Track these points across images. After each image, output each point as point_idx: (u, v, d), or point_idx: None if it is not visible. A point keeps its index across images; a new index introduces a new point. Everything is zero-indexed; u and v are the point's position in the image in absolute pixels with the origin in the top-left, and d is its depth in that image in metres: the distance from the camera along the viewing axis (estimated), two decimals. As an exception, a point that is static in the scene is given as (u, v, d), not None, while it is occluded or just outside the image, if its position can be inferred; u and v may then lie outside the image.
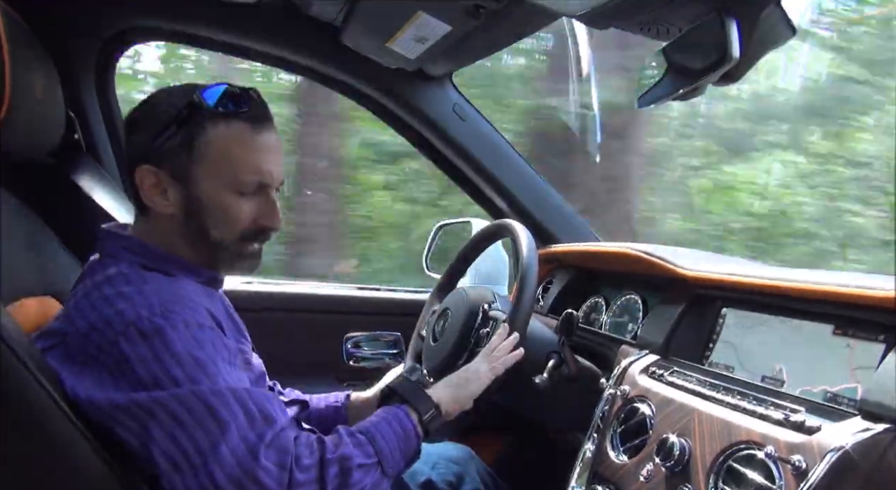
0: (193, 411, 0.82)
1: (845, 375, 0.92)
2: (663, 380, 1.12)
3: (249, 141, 0.97)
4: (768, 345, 1.06)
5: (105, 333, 0.86)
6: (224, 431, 0.82)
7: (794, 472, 0.79)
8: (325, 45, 1.65)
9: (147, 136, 0.96)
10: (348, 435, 0.93)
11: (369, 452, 0.92)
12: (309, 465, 0.86)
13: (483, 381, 1.12)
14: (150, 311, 0.87)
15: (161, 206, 0.98)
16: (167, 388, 0.83)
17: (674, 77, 1.02)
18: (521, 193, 1.86)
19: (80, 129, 1.55)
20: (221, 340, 0.92)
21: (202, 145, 0.95)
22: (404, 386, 1.06)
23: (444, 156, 1.85)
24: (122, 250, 0.98)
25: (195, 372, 0.85)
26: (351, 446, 0.91)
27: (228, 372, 0.88)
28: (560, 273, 1.75)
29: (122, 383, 0.84)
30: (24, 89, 1.08)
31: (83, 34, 1.59)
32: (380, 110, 1.83)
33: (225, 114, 0.96)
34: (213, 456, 0.81)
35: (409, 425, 0.99)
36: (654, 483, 0.99)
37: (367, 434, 0.94)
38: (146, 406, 0.82)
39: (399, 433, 0.97)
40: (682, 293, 1.24)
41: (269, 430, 0.85)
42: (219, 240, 0.99)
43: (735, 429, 0.92)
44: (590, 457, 1.14)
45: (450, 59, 1.64)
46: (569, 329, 1.23)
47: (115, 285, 0.91)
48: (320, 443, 0.89)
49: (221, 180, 0.97)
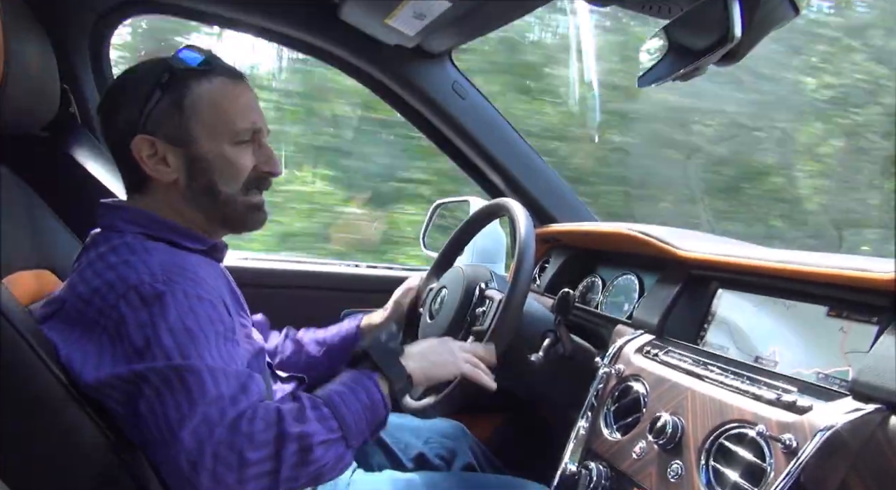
0: (171, 386, 0.81)
1: (838, 358, 0.93)
2: (658, 359, 1.13)
3: (232, 93, 1.00)
4: (763, 326, 1.07)
5: (107, 297, 0.87)
6: (191, 409, 0.80)
7: (785, 450, 0.80)
8: (324, 21, 1.63)
9: (133, 108, 0.97)
10: (312, 408, 0.87)
11: (332, 427, 0.87)
12: (264, 441, 0.81)
13: (451, 371, 1.07)
14: (153, 278, 0.88)
15: (163, 173, 0.98)
16: (154, 359, 0.82)
17: (675, 57, 1.01)
18: (520, 172, 1.86)
19: (75, 102, 1.54)
20: (218, 314, 0.92)
21: (192, 103, 0.97)
22: (379, 351, 0.98)
23: (443, 134, 1.84)
24: (124, 222, 0.98)
25: (184, 344, 0.84)
26: (314, 422, 0.85)
27: (219, 347, 0.88)
28: (557, 252, 1.76)
29: (117, 350, 0.84)
30: (19, 63, 1.07)
31: (78, 8, 1.57)
32: (378, 87, 1.81)
33: (204, 70, 0.99)
34: (178, 432, 0.79)
35: (378, 396, 0.93)
36: (646, 460, 1.01)
37: (331, 405, 0.88)
38: (131, 378, 0.82)
39: (366, 403, 0.91)
40: (679, 274, 1.24)
41: (234, 411, 0.82)
42: (228, 194, 1.01)
43: (727, 408, 0.93)
44: (583, 434, 1.15)
45: (449, 36, 1.63)
46: (565, 308, 1.24)
47: (120, 254, 0.92)
48: (279, 416, 0.84)
49: (218, 133, 0.98)
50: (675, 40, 1.01)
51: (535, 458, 1.68)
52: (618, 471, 1.05)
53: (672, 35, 1.02)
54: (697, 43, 0.96)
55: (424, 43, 1.66)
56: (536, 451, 1.85)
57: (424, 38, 1.62)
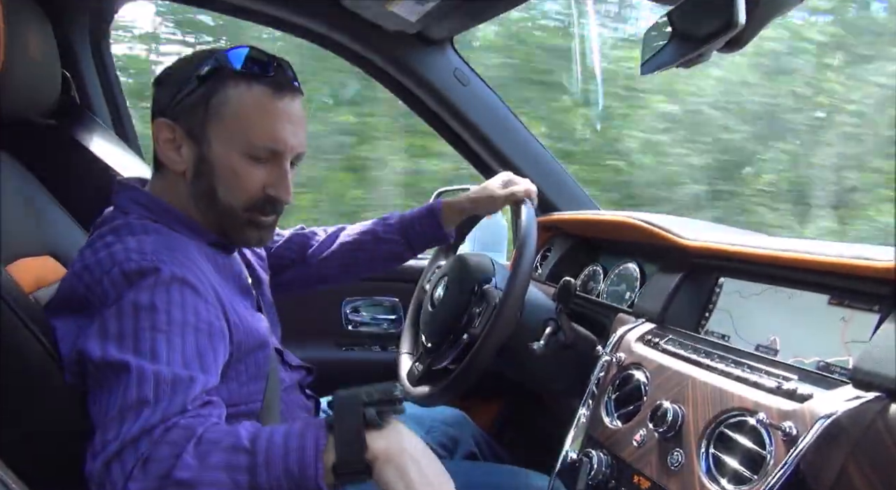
0: (108, 381, 0.78)
1: (838, 348, 0.93)
2: (659, 347, 1.13)
3: (267, 106, 0.96)
4: (764, 314, 1.07)
5: (94, 272, 0.87)
6: (120, 414, 0.75)
7: (785, 438, 0.81)
8: (325, 7, 1.62)
9: (170, 91, 0.97)
10: (228, 448, 0.73)
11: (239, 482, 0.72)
12: (152, 475, 0.71)
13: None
14: (140, 256, 0.86)
15: (174, 162, 0.99)
16: (109, 342, 0.79)
17: (678, 43, 1.01)
18: (521, 160, 1.85)
19: (76, 88, 1.53)
20: (197, 305, 0.87)
21: (218, 104, 0.95)
22: (345, 412, 0.75)
23: (444, 121, 1.84)
24: (132, 203, 0.99)
25: (143, 338, 0.80)
26: (216, 470, 0.72)
27: (183, 337, 0.82)
28: (559, 241, 1.76)
29: (98, 330, 0.82)
30: (20, 49, 1.06)
31: None
32: (379, 74, 1.80)
33: (246, 75, 0.95)
34: (96, 425, 0.77)
35: (311, 472, 0.72)
36: (646, 448, 1.01)
37: (255, 455, 0.73)
38: (95, 362, 0.80)
39: (292, 462, 0.73)
40: (680, 262, 1.24)
41: (155, 414, 0.74)
42: (227, 204, 0.99)
43: (728, 396, 0.93)
44: (584, 422, 1.15)
45: (451, 22, 1.61)
46: (566, 297, 1.24)
47: (119, 234, 0.92)
48: (178, 452, 0.72)
49: (233, 143, 0.96)
50: (679, 26, 1.01)
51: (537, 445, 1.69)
52: (618, 458, 1.06)
53: (675, 21, 1.01)
54: (701, 29, 0.95)
55: (426, 29, 1.65)
56: (538, 438, 1.86)
57: (426, 24, 1.61)
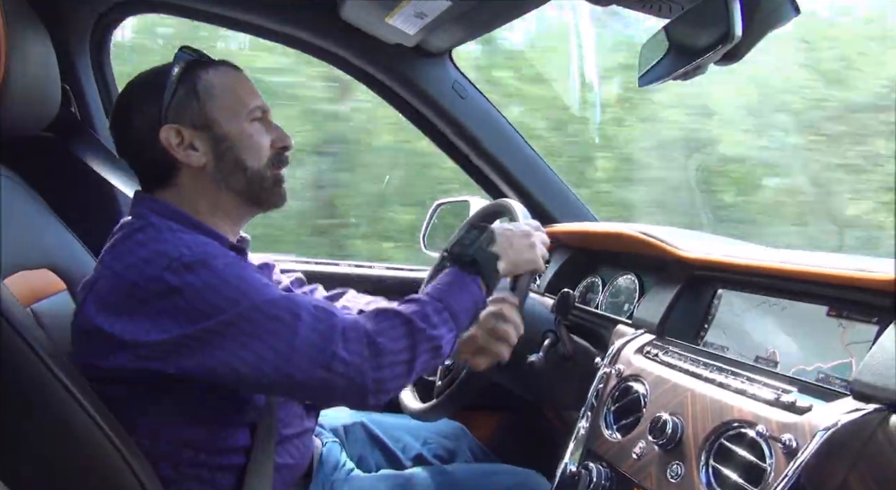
0: (258, 321, 0.88)
1: (839, 352, 0.93)
2: (658, 359, 1.13)
3: (237, 76, 1.08)
4: (763, 326, 1.06)
5: (144, 270, 0.89)
6: (294, 329, 0.88)
7: (785, 450, 0.80)
8: (324, 20, 1.63)
9: (152, 104, 1.02)
10: (435, 312, 0.97)
11: (452, 327, 0.98)
12: (398, 336, 0.92)
13: (529, 268, 1.13)
14: (190, 250, 0.91)
15: (194, 158, 1.03)
16: (227, 309, 0.88)
17: (675, 55, 1.01)
18: (520, 172, 1.85)
19: (75, 101, 1.54)
20: (256, 274, 0.97)
21: (205, 89, 1.04)
22: (484, 259, 1.06)
23: (443, 133, 1.84)
24: (150, 213, 1.01)
25: (247, 289, 0.90)
26: (441, 326, 0.96)
27: (271, 287, 0.94)
28: (557, 253, 1.76)
29: (178, 316, 0.87)
30: (21, 62, 1.07)
31: (79, 6, 1.56)
32: (378, 87, 1.81)
33: (208, 61, 1.08)
34: (291, 352, 0.87)
35: (480, 296, 1.04)
36: (646, 460, 1.00)
37: (450, 309, 0.99)
38: (217, 330, 0.87)
39: (473, 304, 1.03)
40: (679, 274, 1.24)
41: (336, 318, 0.92)
42: (254, 169, 1.06)
43: (727, 408, 0.93)
44: (583, 434, 1.15)
45: (449, 35, 1.62)
46: (565, 308, 1.23)
47: (147, 233, 0.96)
48: (406, 318, 0.94)
49: (235, 112, 1.05)
50: (676, 39, 1.01)
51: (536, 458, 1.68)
52: (618, 471, 1.05)
53: (672, 34, 1.02)
54: (698, 42, 0.96)
55: (424, 42, 1.66)
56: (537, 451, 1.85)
57: (425, 37, 1.62)
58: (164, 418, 0.95)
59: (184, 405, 0.95)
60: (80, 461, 0.84)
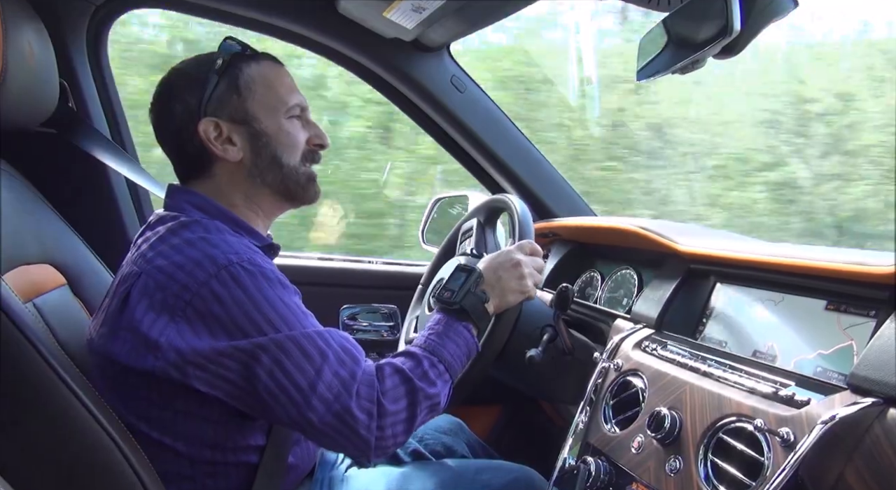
0: (291, 353, 0.89)
1: (838, 336, 0.93)
2: (656, 354, 1.13)
3: (277, 71, 1.08)
4: (761, 320, 1.07)
5: (195, 274, 0.89)
6: (320, 371, 0.89)
7: (783, 444, 0.81)
8: (322, 14, 1.63)
9: (192, 96, 1.02)
10: (431, 366, 0.99)
11: (447, 380, 1.00)
12: (399, 395, 0.94)
13: (520, 299, 1.14)
14: (240, 258, 0.92)
15: (231, 152, 1.03)
16: (262, 332, 0.89)
17: (674, 49, 1.01)
18: (519, 167, 1.85)
19: (73, 97, 1.53)
20: (295, 292, 0.99)
21: (246, 84, 1.04)
22: (472, 304, 1.07)
23: (442, 128, 1.84)
24: (190, 205, 1.02)
25: (287, 316, 0.91)
26: (438, 382, 0.98)
27: (309, 317, 0.95)
28: (556, 247, 1.76)
29: (215, 327, 0.88)
30: (18, 57, 1.06)
31: (75, 1, 1.56)
32: (376, 81, 1.80)
33: (252, 55, 1.07)
34: (312, 393, 0.88)
35: (472, 341, 1.07)
36: (644, 454, 1.01)
37: (445, 362, 1.01)
38: (249, 350, 0.88)
39: (465, 350, 1.05)
40: (677, 268, 1.24)
41: (358, 368, 0.93)
42: (290, 166, 1.07)
43: (726, 402, 0.93)
44: (582, 429, 1.15)
45: (447, 29, 1.62)
46: (563, 303, 1.23)
47: (196, 232, 0.95)
48: (405, 376, 0.95)
49: (273, 109, 1.05)
50: (674, 33, 1.01)
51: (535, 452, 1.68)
52: (616, 465, 1.05)
53: (671, 28, 1.01)
54: (696, 36, 0.95)
55: (422, 36, 1.66)
56: (535, 445, 1.86)
57: (422, 32, 1.61)
58: (188, 415, 0.96)
59: (207, 403, 0.95)
60: (78, 456, 0.84)
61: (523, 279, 1.13)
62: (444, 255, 1.55)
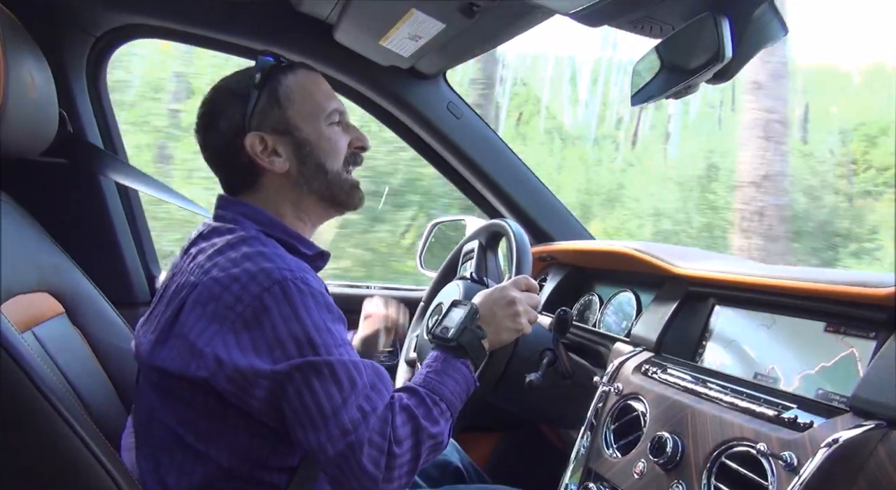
0: (323, 377, 0.89)
1: (839, 346, 0.93)
2: (656, 377, 1.12)
3: (314, 80, 1.10)
4: (761, 342, 1.06)
5: (249, 286, 0.91)
6: (346, 400, 0.89)
7: (786, 468, 0.80)
8: (319, 43, 1.65)
9: (236, 111, 1.05)
10: (433, 405, 0.98)
11: (449, 417, 1.00)
12: (405, 435, 0.93)
13: (514, 336, 1.12)
14: (293, 275, 0.93)
15: (277, 164, 1.05)
16: (302, 353, 0.89)
17: (666, 75, 1.02)
18: (516, 191, 1.86)
19: (72, 126, 1.54)
20: (339, 318, 0.99)
21: (286, 95, 1.06)
22: (469, 342, 1.06)
23: (439, 154, 1.85)
24: (243, 217, 1.03)
25: (327, 341, 0.91)
26: (441, 421, 0.98)
27: (347, 346, 0.95)
28: (554, 271, 1.76)
29: (258, 340, 0.90)
30: (19, 88, 1.07)
31: (76, 32, 1.58)
32: (374, 108, 1.82)
33: (288, 66, 1.09)
34: (334, 420, 0.88)
35: (471, 378, 1.06)
36: (647, 480, 1.00)
37: (446, 400, 1.00)
38: (285, 373, 0.89)
39: (464, 387, 1.04)
40: (676, 291, 1.24)
41: (381, 403, 0.93)
42: (334, 172, 1.09)
43: (728, 426, 0.92)
44: (583, 454, 1.14)
45: (443, 57, 1.64)
46: (562, 327, 1.23)
47: (251, 245, 0.97)
48: (411, 414, 0.94)
49: (314, 117, 1.07)
50: (667, 59, 1.02)
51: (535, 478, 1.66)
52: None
53: (663, 54, 1.03)
54: (689, 62, 0.97)
55: (419, 64, 1.68)
56: (536, 471, 1.83)
57: (419, 59, 1.63)
58: (237, 428, 0.96)
59: (253, 418, 0.95)
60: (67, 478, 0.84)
61: (518, 317, 1.11)
62: (445, 276, 1.55)
